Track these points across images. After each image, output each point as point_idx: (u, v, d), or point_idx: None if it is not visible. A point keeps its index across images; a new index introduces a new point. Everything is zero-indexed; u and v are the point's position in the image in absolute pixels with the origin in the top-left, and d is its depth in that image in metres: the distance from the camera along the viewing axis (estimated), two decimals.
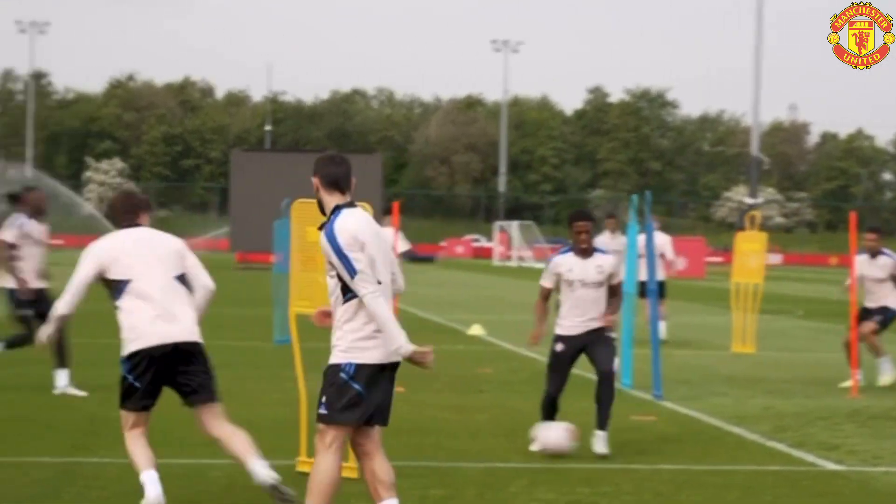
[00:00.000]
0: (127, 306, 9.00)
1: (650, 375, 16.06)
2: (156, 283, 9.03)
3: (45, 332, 9.41)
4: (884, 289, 17.96)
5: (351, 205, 8.09)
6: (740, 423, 13.91)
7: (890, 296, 17.97)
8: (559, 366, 12.06)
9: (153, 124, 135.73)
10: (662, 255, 24.06)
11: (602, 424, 11.80)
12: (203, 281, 9.37)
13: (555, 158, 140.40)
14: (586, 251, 12.12)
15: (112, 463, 10.64)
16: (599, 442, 11.76)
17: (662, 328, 23.78)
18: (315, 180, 8.11)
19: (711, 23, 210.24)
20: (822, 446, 12.56)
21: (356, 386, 7.91)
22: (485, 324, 26.99)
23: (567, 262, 12.17)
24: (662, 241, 24.19)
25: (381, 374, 8.01)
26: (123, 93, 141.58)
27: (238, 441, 8.92)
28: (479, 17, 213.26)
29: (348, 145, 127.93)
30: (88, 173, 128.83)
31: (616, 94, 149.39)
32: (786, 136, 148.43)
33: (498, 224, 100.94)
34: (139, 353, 8.90)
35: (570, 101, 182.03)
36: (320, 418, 8.00)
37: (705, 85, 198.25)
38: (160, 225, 9.99)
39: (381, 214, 26.25)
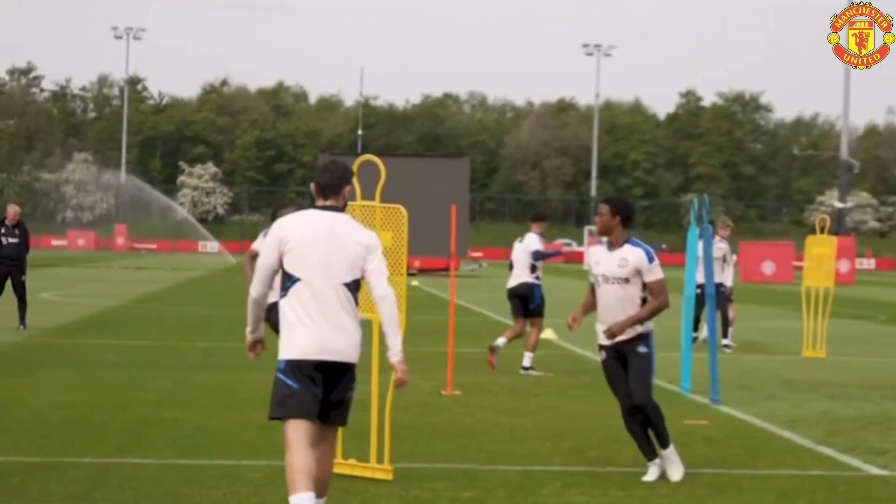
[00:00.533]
0: None
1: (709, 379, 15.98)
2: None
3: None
4: None
5: (329, 208, 8.18)
6: (792, 428, 13.78)
7: None
8: (609, 376, 10.85)
9: (246, 129, 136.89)
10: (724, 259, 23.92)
11: (663, 443, 10.69)
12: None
13: (647, 162, 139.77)
14: (612, 243, 10.73)
15: (151, 464, 10.75)
16: (667, 464, 10.72)
17: (729, 333, 23.74)
18: (312, 185, 8.33)
19: (806, 25, 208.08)
20: (871, 451, 12.41)
21: (287, 381, 7.92)
22: (558, 327, 26.89)
23: (596, 254, 10.84)
24: (723, 246, 24.03)
25: (316, 370, 7.93)
26: (217, 97, 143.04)
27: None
28: (571, 22, 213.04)
29: (439, 149, 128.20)
30: (182, 178, 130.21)
31: (709, 98, 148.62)
32: (881, 139, 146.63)
33: (587, 228, 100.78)
34: None
35: (662, 104, 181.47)
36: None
37: (800, 88, 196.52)
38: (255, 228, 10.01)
39: (468, 217, 26.42)
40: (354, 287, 8.12)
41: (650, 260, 10.57)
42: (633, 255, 10.59)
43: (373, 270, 8.12)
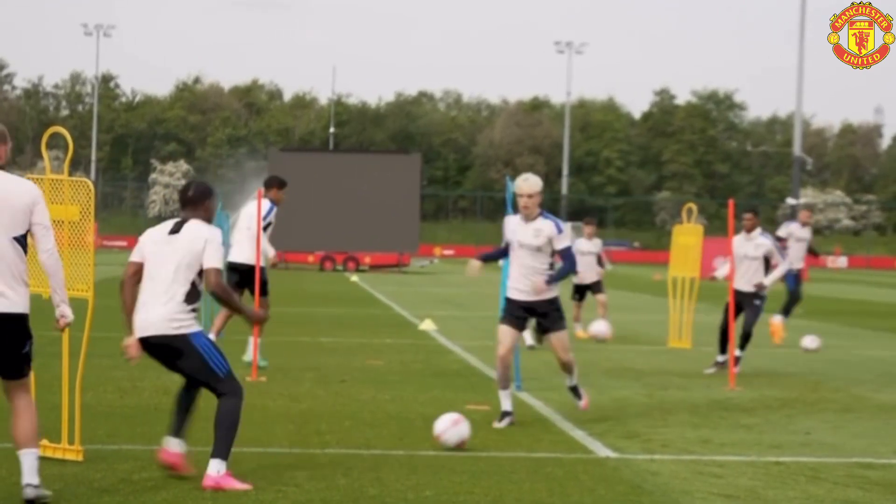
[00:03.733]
0: None
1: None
2: None
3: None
4: None
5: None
6: (567, 413, 13.60)
7: None
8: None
9: (218, 126, 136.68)
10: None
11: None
12: None
13: (620, 160, 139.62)
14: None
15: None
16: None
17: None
18: None
19: (780, 23, 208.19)
20: (621, 436, 12.26)
21: None
22: (451, 320, 26.96)
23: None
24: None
25: None
26: (189, 95, 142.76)
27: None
28: (544, 19, 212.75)
29: (412, 147, 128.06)
30: (153, 175, 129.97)
31: (683, 96, 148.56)
32: (856, 138, 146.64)
33: None
34: None
35: (636, 103, 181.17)
36: None
37: (775, 86, 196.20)
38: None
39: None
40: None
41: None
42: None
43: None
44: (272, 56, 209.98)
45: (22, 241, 8.51)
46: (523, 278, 12.51)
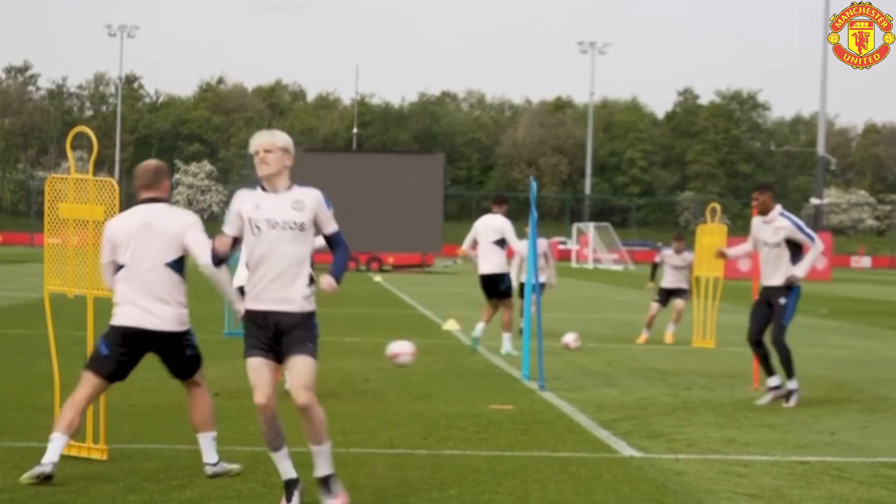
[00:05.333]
0: None
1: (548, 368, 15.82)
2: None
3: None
4: None
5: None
6: (592, 413, 13.60)
7: None
8: None
9: (241, 127, 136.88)
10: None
11: None
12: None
13: (643, 161, 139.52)
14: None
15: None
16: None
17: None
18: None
19: (804, 23, 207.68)
20: (645, 435, 12.24)
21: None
22: (474, 320, 26.93)
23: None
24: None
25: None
26: (213, 96, 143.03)
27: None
28: (568, 19, 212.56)
29: (435, 147, 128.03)
30: (177, 176, 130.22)
31: (706, 96, 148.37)
32: (880, 138, 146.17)
33: (576, 226, 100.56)
34: None
35: (660, 103, 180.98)
36: None
37: (798, 87, 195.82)
38: None
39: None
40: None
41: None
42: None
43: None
44: (296, 56, 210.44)
45: (174, 265, 9.47)
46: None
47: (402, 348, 13.10)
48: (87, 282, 10.12)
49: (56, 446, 9.22)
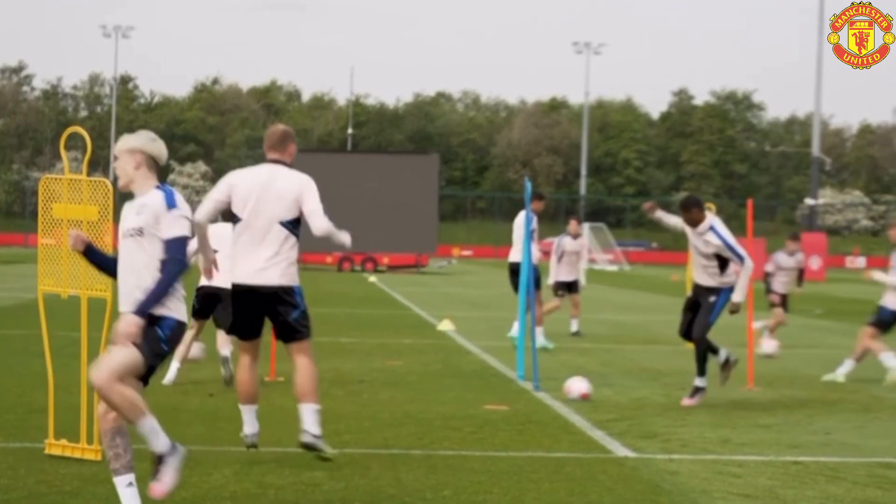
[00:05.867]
0: None
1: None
2: None
3: None
4: None
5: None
6: (586, 413, 13.60)
7: None
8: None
9: (236, 127, 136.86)
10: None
11: None
12: None
13: (638, 161, 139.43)
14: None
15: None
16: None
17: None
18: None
19: (799, 23, 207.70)
20: (639, 435, 12.25)
21: None
22: (469, 320, 26.99)
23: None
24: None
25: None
26: (208, 96, 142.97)
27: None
28: (563, 19, 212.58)
29: (430, 148, 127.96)
30: (172, 176, 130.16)
31: (701, 97, 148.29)
32: (874, 138, 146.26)
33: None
34: None
35: (655, 103, 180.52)
36: None
37: (793, 86, 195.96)
38: None
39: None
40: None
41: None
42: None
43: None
44: (290, 57, 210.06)
45: (289, 225, 9.89)
46: None
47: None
48: (80, 282, 10.11)
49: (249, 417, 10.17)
